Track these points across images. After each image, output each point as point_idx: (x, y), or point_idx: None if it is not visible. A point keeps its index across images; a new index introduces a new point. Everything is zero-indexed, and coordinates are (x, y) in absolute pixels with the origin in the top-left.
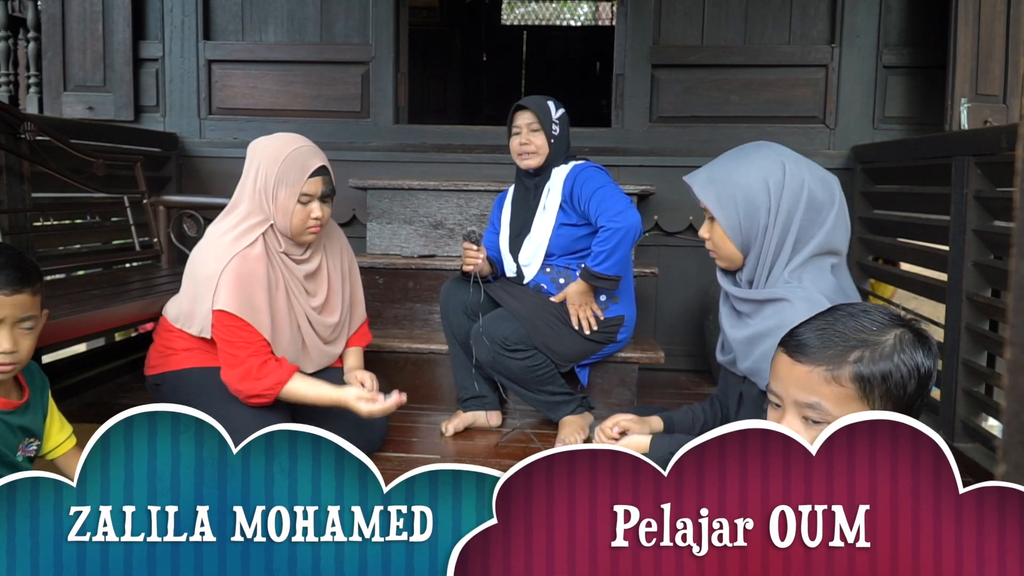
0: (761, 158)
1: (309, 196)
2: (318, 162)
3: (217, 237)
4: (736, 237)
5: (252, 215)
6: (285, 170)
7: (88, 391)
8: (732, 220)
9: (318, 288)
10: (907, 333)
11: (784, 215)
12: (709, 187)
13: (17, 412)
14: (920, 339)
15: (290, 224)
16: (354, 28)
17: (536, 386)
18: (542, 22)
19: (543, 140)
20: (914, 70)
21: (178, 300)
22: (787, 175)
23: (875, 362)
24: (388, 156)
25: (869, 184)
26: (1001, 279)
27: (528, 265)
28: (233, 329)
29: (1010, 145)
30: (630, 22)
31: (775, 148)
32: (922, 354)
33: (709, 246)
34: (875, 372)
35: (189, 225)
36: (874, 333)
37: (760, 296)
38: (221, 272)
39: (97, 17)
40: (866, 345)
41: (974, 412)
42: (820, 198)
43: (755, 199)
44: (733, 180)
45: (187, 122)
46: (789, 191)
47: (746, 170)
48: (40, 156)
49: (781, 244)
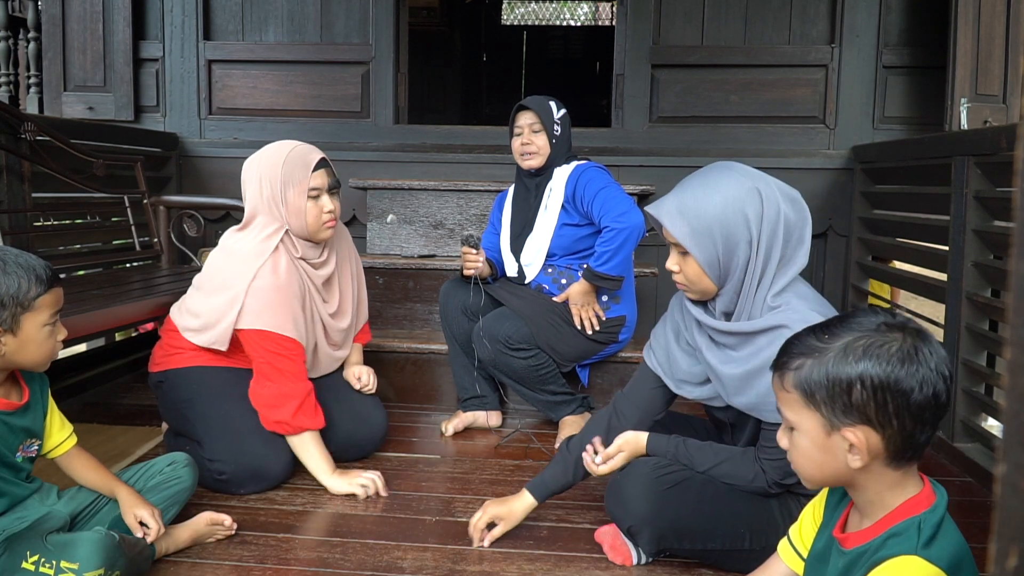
0: (734, 185)
1: (318, 190)
2: (317, 155)
3: (237, 248)
4: (714, 272)
5: (266, 224)
6: (288, 171)
7: (88, 391)
8: (710, 256)
9: (331, 295)
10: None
11: (766, 246)
12: (680, 221)
13: (18, 413)
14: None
15: (306, 223)
16: (354, 28)
17: (537, 385)
18: (542, 22)
19: (544, 140)
20: (914, 70)
21: (191, 309)
22: (764, 203)
23: (812, 369)
24: (388, 156)
25: (869, 184)
26: (1001, 279)
27: (530, 265)
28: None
29: (1010, 145)
30: (630, 22)
31: (741, 170)
32: (871, 363)
33: (679, 279)
34: (811, 378)
35: (189, 225)
36: (826, 341)
37: (751, 328)
38: (249, 285)
39: (97, 17)
40: (811, 352)
41: (974, 412)
42: (794, 220)
43: (734, 233)
44: (708, 213)
45: (187, 122)
46: (768, 220)
47: (720, 200)
48: (40, 156)
49: (763, 273)
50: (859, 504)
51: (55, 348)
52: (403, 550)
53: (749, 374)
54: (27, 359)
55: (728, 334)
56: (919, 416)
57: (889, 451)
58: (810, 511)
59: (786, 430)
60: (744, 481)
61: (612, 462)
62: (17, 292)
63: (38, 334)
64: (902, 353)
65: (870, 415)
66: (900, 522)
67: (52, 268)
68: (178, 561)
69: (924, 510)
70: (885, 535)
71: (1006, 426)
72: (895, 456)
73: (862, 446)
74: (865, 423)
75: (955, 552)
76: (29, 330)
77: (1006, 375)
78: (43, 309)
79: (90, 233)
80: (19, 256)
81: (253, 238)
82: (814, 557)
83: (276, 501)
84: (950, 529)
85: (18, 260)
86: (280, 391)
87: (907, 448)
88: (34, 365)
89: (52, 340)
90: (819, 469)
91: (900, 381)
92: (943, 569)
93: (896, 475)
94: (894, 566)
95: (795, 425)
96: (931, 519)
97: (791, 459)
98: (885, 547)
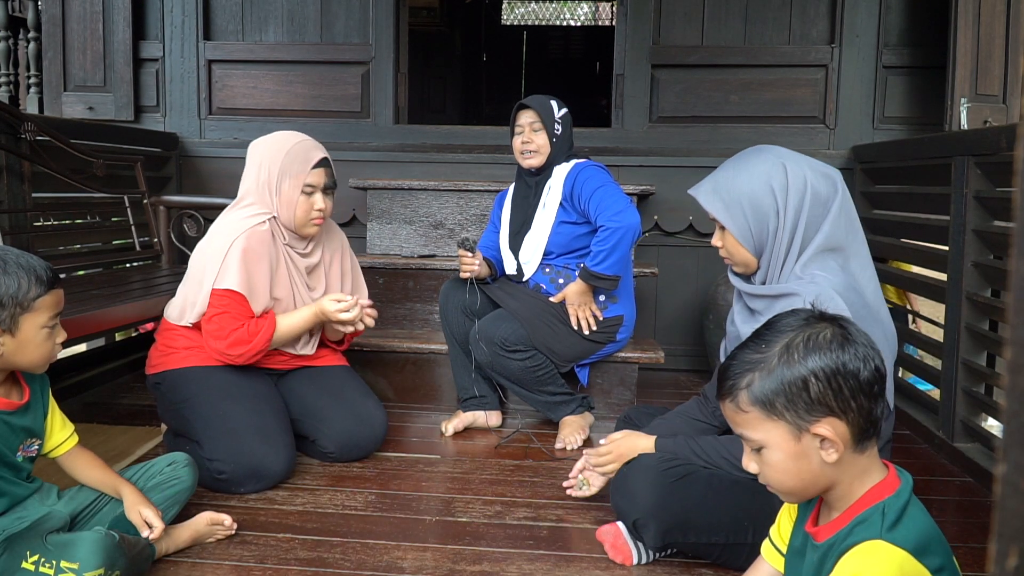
0: (761, 162)
1: (312, 187)
2: (320, 154)
3: (222, 225)
4: (748, 243)
5: (255, 207)
6: (289, 162)
7: (88, 391)
8: (743, 227)
9: (317, 283)
10: (803, 336)
11: (792, 215)
12: (715, 198)
13: (18, 413)
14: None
15: (294, 216)
16: (354, 28)
17: (536, 386)
18: (542, 22)
19: (545, 139)
20: (914, 70)
21: (178, 295)
22: (789, 175)
23: (763, 380)
24: (388, 156)
25: (869, 184)
26: (1001, 279)
27: (528, 262)
28: (229, 303)
29: (1010, 145)
30: (630, 22)
31: (773, 150)
32: (816, 355)
33: (723, 253)
34: (766, 390)
35: (189, 225)
36: (764, 350)
37: (772, 292)
38: (228, 248)
39: (97, 17)
40: (755, 365)
41: (974, 412)
42: (824, 193)
43: (762, 204)
44: (738, 188)
45: (187, 122)
46: (794, 191)
47: (749, 176)
48: (40, 156)
49: (791, 242)
50: (829, 500)
51: (54, 350)
52: (403, 550)
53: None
54: (25, 360)
55: (756, 297)
56: (870, 392)
57: (854, 435)
58: (787, 509)
59: (751, 454)
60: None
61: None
62: (17, 292)
63: (37, 335)
64: (838, 338)
65: (831, 404)
66: (865, 510)
67: (53, 269)
68: (178, 561)
69: (888, 496)
70: (851, 524)
71: (1006, 426)
72: (859, 438)
73: (834, 436)
74: (829, 414)
75: (921, 534)
76: (28, 331)
77: (1006, 375)
78: (42, 310)
79: (90, 233)
80: (20, 257)
81: (235, 216)
82: (792, 553)
83: (276, 501)
84: (916, 512)
85: (19, 260)
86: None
87: (868, 427)
88: (32, 366)
89: (51, 342)
90: (797, 478)
91: (846, 364)
92: (909, 551)
93: (863, 461)
94: (859, 552)
95: (762, 443)
96: (895, 504)
97: (765, 480)
98: (852, 535)
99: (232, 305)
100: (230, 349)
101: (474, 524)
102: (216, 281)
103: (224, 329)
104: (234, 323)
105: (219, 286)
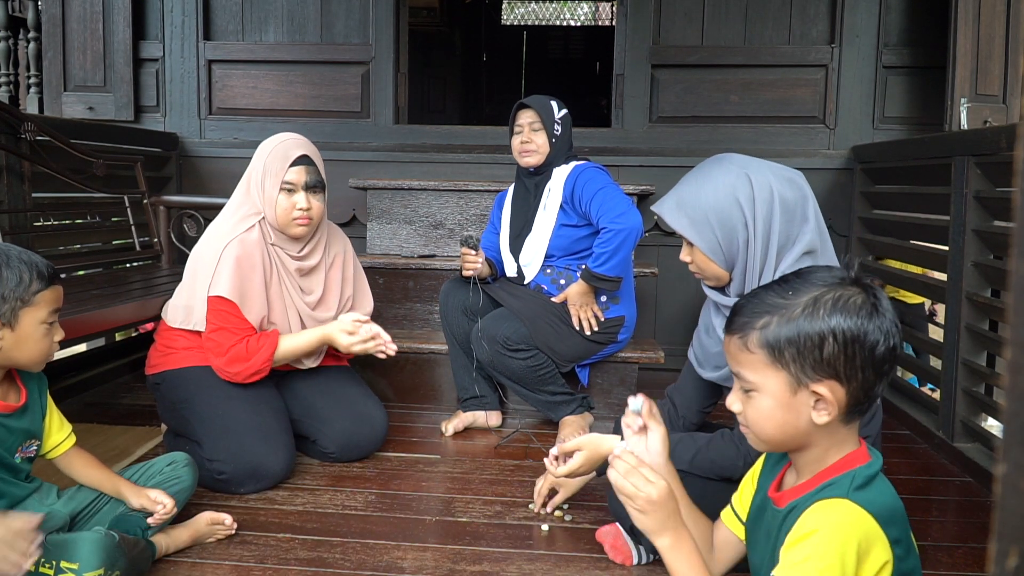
0: (724, 173)
1: (292, 184)
2: (299, 151)
3: (215, 229)
4: (718, 257)
5: (244, 207)
6: (271, 161)
7: (88, 391)
8: (711, 242)
9: (314, 286)
10: (833, 295)
11: (762, 225)
12: (679, 214)
13: (16, 414)
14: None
15: (276, 215)
16: (354, 28)
17: (537, 386)
18: (542, 22)
19: (544, 139)
20: (914, 70)
21: (177, 298)
22: (755, 185)
23: (780, 326)
24: (388, 156)
25: (869, 184)
26: (1001, 279)
27: (528, 265)
28: (224, 315)
29: (1010, 145)
30: (630, 22)
31: (735, 160)
32: (842, 317)
33: (693, 268)
34: (780, 336)
35: (189, 225)
36: (790, 297)
37: None
38: (220, 256)
39: (97, 17)
40: (776, 309)
41: (974, 412)
42: (791, 198)
43: (729, 217)
44: (703, 202)
45: (187, 122)
46: (761, 201)
47: (713, 189)
48: (40, 156)
49: (765, 253)
50: (799, 464)
51: (51, 348)
52: (403, 550)
53: None
54: (23, 356)
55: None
56: (879, 368)
57: (849, 404)
58: (750, 477)
59: (739, 392)
60: (730, 462)
61: (571, 463)
62: (18, 286)
63: (36, 331)
64: (868, 307)
65: (839, 369)
66: (834, 476)
67: (54, 267)
68: (178, 561)
69: (859, 466)
70: (819, 487)
71: (1006, 426)
72: (851, 410)
73: (831, 399)
74: (833, 377)
75: (887, 504)
76: (27, 326)
77: (1006, 375)
78: (42, 305)
79: (90, 233)
80: (23, 253)
81: (228, 219)
82: (751, 519)
83: (276, 501)
84: (884, 485)
85: (21, 256)
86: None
87: (864, 400)
88: (29, 363)
89: (49, 339)
90: (779, 429)
91: (868, 334)
92: (872, 514)
93: (844, 431)
94: (821, 507)
95: (756, 386)
96: (865, 472)
97: (745, 420)
98: (816, 496)
99: (227, 317)
100: (228, 366)
101: (474, 524)
102: (210, 288)
103: (222, 345)
104: (231, 338)
105: (212, 293)
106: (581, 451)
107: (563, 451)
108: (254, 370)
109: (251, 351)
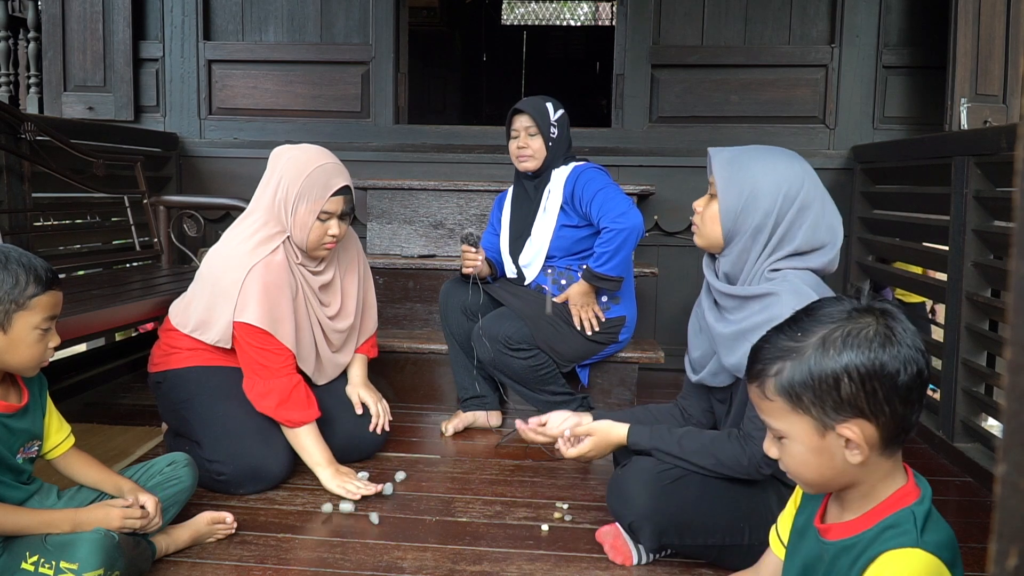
0: (787, 167)
1: (329, 214)
2: (341, 181)
3: (236, 244)
4: (727, 222)
5: (269, 225)
6: (308, 186)
7: (88, 391)
8: (732, 206)
9: (332, 299)
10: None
11: (783, 224)
12: (728, 165)
13: (17, 415)
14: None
15: (306, 239)
16: (354, 28)
17: (537, 386)
18: (542, 22)
19: (540, 144)
20: (914, 70)
21: (189, 307)
22: (803, 192)
23: (793, 370)
24: (388, 156)
25: (869, 184)
26: (1001, 279)
27: (529, 267)
28: (260, 339)
29: (1010, 145)
30: (630, 22)
31: (804, 164)
32: (854, 352)
33: (696, 220)
34: (794, 381)
35: (189, 225)
36: (800, 339)
37: (746, 292)
38: (244, 280)
39: (97, 17)
40: (787, 354)
41: (974, 412)
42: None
43: (763, 200)
44: (751, 170)
45: (187, 122)
46: (796, 206)
47: (769, 168)
48: (40, 156)
49: (767, 243)
50: (847, 498)
51: (44, 354)
52: (403, 550)
53: (737, 334)
54: (14, 360)
55: (728, 296)
56: (907, 397)
57: (882, 439)
58: (792, 500)
59: (773, 440)
60: (735, 461)
61: (580, 446)
62: (13, 288)
63: (29, 335)
64: (880, 336)
65: (862, 406)
66: (892, 514)
67: (54, 271)
68: (178, 561)
69: (913, 501)
70: (879, 527)
71: (1006, 426)
72: (888, 442)
73: (860, 440)
74: (858, 416)
75: (948, 543)
76: (20, 330)
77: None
78: (37, 310)
79: (90, 233)
80: (22, 255)
81: (251, 235)
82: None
83: (276, 501)
84: (939, 521)
85: (20, 259)
86: (266, 386)
87: (899, 432)
88: (21, 368)
89: (42, 345)
90: (818, 473)
91: (885, 365)
92: (943, 560)
93: (888, 464)
94: (896, 560)
95: (784, 434)
96: (921, 510)
97: (785, 467)
98: (881, 540)
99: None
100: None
101: (474, 524)
102: (236, 312)
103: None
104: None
105: (239, 319)
106: (592, 436)
107: (575, 433)
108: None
109: (292, 403)
